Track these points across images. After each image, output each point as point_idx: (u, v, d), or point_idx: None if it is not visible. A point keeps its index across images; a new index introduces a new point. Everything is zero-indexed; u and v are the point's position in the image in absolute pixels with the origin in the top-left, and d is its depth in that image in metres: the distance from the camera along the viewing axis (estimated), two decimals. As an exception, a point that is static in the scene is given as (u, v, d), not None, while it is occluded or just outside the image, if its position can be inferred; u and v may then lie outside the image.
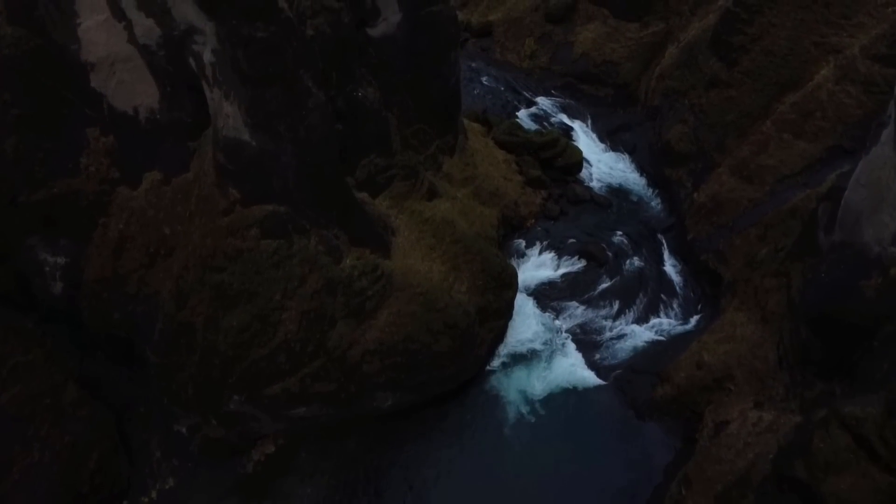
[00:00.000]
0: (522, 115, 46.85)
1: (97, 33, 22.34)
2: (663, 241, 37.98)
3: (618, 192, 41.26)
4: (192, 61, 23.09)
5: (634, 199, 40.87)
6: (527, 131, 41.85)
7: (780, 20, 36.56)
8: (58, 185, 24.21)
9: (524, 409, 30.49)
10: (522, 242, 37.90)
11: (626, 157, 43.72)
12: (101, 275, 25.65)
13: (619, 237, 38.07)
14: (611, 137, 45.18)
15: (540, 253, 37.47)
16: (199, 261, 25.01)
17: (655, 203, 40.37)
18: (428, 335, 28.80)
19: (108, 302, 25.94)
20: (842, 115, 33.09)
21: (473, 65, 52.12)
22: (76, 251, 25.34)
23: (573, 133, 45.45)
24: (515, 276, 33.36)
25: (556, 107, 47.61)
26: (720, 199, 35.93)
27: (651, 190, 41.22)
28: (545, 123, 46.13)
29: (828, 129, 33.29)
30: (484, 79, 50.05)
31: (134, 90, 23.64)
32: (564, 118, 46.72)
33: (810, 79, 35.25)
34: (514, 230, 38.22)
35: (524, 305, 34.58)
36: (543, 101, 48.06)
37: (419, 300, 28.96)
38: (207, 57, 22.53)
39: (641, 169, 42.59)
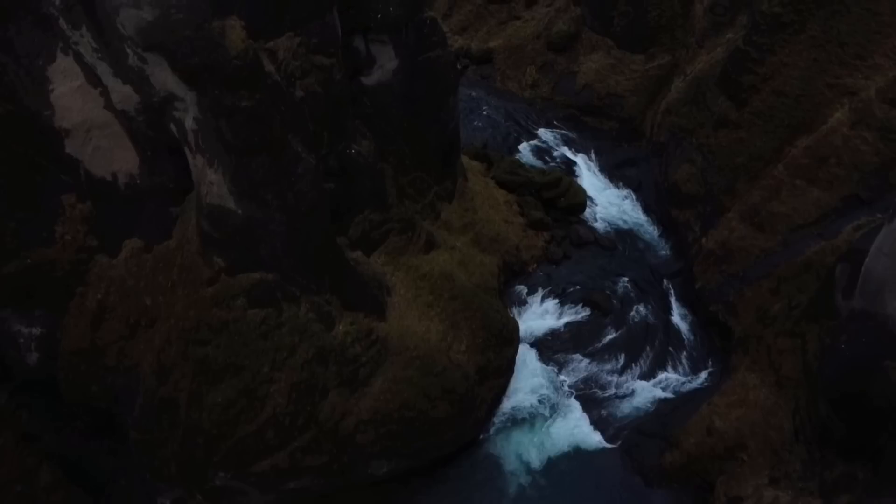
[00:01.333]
0: (524, 148, 45.47)
1: (71, 100, 20.94)
2: (670, 288, 36.56)
3: (623, 234, 39.84)
4: (173, 127, 21.68)
5: (640, 241, 39.45)
6: (528, 169, 40.46)
7: (793, 60, 35.15)
8: (32, 256, 22.78)
9: (525, 475, 29.09)
10: (524, 289, 36.49)
11: (631, 194, 42.31)
12: (78, 346, 24.22)
13: (624, 283, 36.66)
14: (615, 173, 43.77)
15: (542, 300, 36.07)
16: (181, 334, 23.59)
17: (662, 246, 38.96)
18: (425, 401, 27.40)
19: (86, 374, 24.51)
20: (857, 162, 31.65)
21: (473, 93, 50.75)
22: (52, 322, 23.91)
23: (576, 168, 44.08)
24: (517, 330, 31.97)
25: (559, 140, 46.21)
26: (730, 247, 34.51)
27: (657, 231, 39.82)
28: (547, 158, 44.75)
29: (843, 177, 31.85)
30: (484, 109, 48.66)
31: (112, 156, 22.24)
32: (567, 152, 45.32)
33: (824, 122, 33.81)
34: (515, 276, 36.80)
35: (526, 357, 33.17)
36: (545, 134, 46.67)
37: (416, 364, 27.56)
38: (189, 124, 21.13)
39: (647, 208, 41.18)
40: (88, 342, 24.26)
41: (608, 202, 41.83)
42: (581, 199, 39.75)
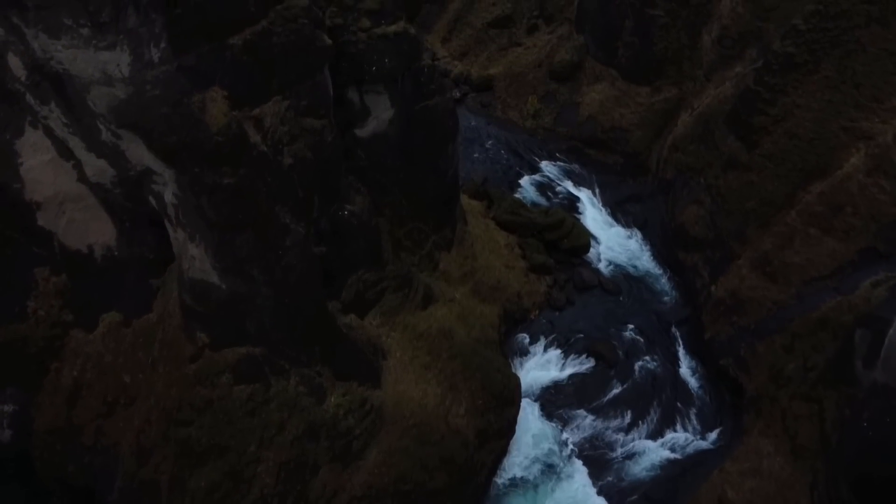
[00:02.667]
0: (525, 182, 44.05)
1: (42, 173, 19.55)
2: (678, 337, 35.14)
3: (628, 276, 38.42)
4: (152, 200, 20.27)
5: (646, 284, 38.02)
6: (530, 210, 39.03)
7: (806, 101, 33.76)
8: (3, 333, 21.38)
9: (527, 548, 27.71)
10: (526, 338, 35.06)
11: (637, 233, 40.87)
12: (53, 424, 22.83)
13: (630, 331, 35.24)
14: (620, 209, 42.34)
15: (545, 349, 34.65)
16: (162, 413, 22.18)
17: (668, 290, 37.52)
18: (422, 473, 25.99)
19: (62, 453, 23.12)
20: (875, 213, 30.22)
21: (473, 122, 49.33)
22: (25, 399, 22.49)
23: (579, 204, 42.64)
24: (518, 388, 30.52)
25: (562, 173, 44.79)
26: (740, 297, 33.10)
27: (663, 274, 38.38)
28: (549, 193, 43.34)
29: (860, 228, 30.41)
30: (484, 140, 47.22)
31: (87, 228, 20.86)
32: (570, 187, 43.89)
33: (839, 167, 32.41)
34: (516, 323, 35.37)
35: (528, 413, 31.70)
36: (548, 167, 45.25)
37: (412, 433, 26.18)
38: (169, 198, 19.73)
39: (653, 248, 39.74)
40: (64, 420, 22.85)
41: (613, 241, 40.39)
42: (585, 241, 38.33)
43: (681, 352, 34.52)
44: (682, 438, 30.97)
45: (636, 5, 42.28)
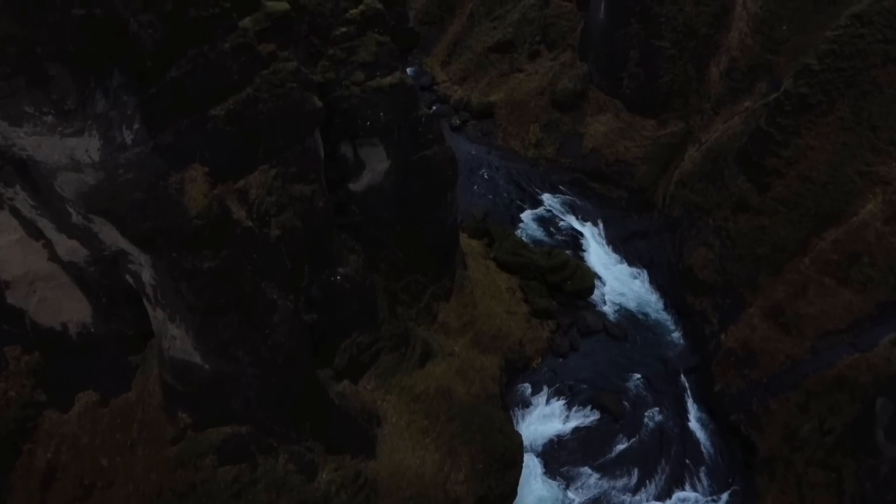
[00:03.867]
0: (527, 217, 42.69)
1: (10, 252, 18.22)
2: (686, 388, 33.76)
3: (634, 320, 37.03)
4: (129, 278, 18.92)
5: (652, 328, 36.63)
6: (532, 250, 37.66)
7: (820, 143, 32.43)
8: (-30, 415, 20.02)
9: None
10: (528, 388, 33.69)
11: (642, 272, 39.48)
12: (27, 508, 21.43)
13: (636, 381, 33.88)
14: (624, 246, 40.94)
15: (548, 400, 33.29)
16: (142, 499, 20.83)
17: (676, 335, 36.14)
18: (419, 547, 24.67)
19: (37, 537, 21.69)
20: (894, 264, 28.87)
21: (473, 151, 47.98)
22: (-3, 481, 21.11)
23: (583, 241, 41.26)
24: (521, 449, 29.14)
25: (565, 207, 43.42)
26: (752, 348, 31.77)
27: (671, 318, 36.99)
28: (552, 229, 41.97)
29: (878, 280, 29.06)
30: (485, 172, 45.87)
31: (60, 306, 19.51)
32: (573, 221, 42.53)
33: (854, 213, 31.07)
34: (518, 372, 34.01)
35: (531, 470, 30.37)
36: (550, 200, 43.87)
37: (409, 506, 24.84)
38: (146, 278, 18.39)
39: (659, 289, 38.36)
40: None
41: (618, 281, 39.02)
42: (589, 284, 36.96)
43: (689, 403, 33.16)
44: (692, 499, 29.65)
45: (642, 35, 40.92)
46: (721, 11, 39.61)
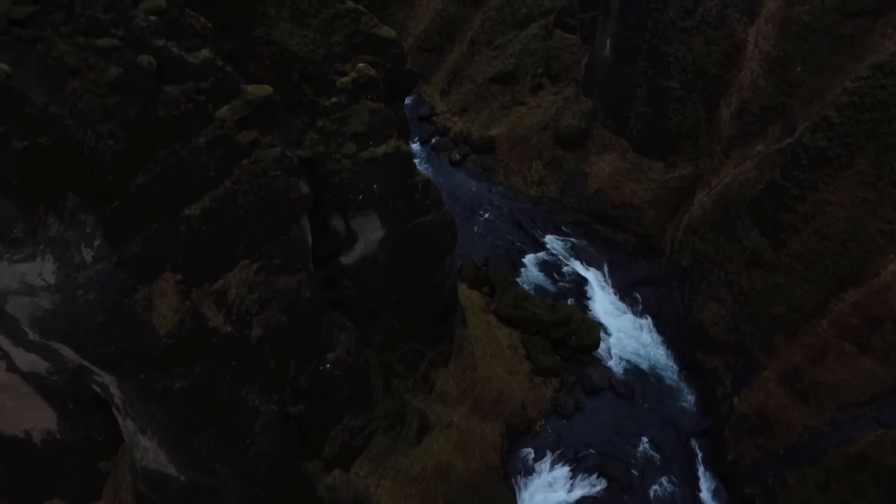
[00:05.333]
0: (529, 262, 41.06)
1: (-36, 364, 16.57)
2: (697, 454, 32.12)
3: (641, 376, 35.38)
4: (96, 387, 17.29)
5: (661, 386, 34.99)
6: (535, 302, 35.98)
7: (838, 198, 30.77)
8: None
9: None
10: (531, 452, 32.04)
11: (650, 322, 37.84)
12: None
13: (644, 445, 32.25)
14: (631, 294, 39.27)
15: (551, 467, 31.65)
16: None
17: (686, 395, 34.48)
18: None
19: None
20: (919, 333, 27.22)
21: (474, 188, 46.34)
22: None
23: (587, 288, 39.63)
24: (523, 529, 27.59)
25: (568, 250, 41.78)
26: (767, 415, 30.13)
27: (679, 374, 35.34)
28: (555, 274, 40.34)
29: (902, 349, 27.40)
30: (485, 211, 44.22)
31: (23, 415, 17.88)
32: (578, 266, 40.87)
33: (876, 273, 29.43)
34: (520, 436, 32.35)
35: (533, 546, 28.80)
36: (553, 243, 42.23)
37: None
38: (114, 391, 16.73)
39: (668, 343, 36.71)
40: None
41: (624, 333, 37.37)
42: (594, 339, 35.32)
43: (701, 471, 31.54)
44: (704, 580, 28.02)
45: (649, 74, 39.27)
46: (732, 50, 37.94)
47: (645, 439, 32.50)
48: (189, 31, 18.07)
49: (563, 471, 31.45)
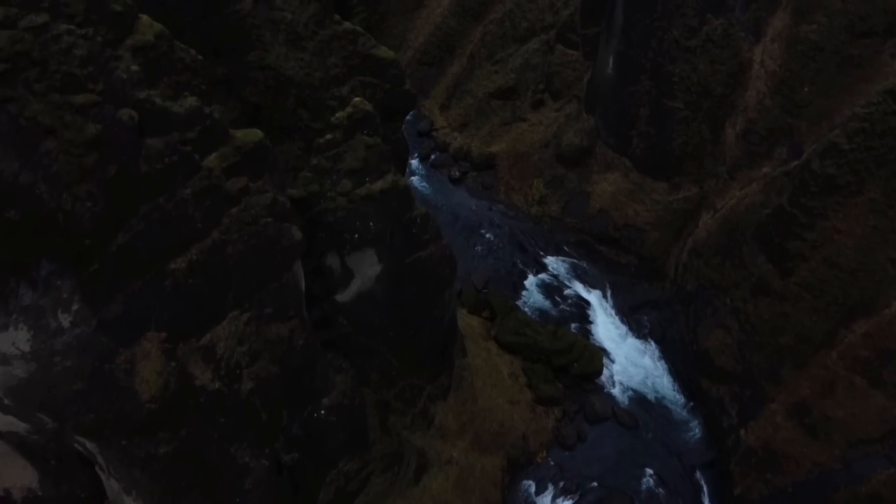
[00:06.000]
0: (531, 284, 40.28)
1: (-61, 425, 15.79)
2: (703, 487, 31.41)
3: (645, 404, 34.61)
4: (77, 446, 16.52)
5: (665, 415, 34.22)
6: (536, 328, 35.20)
7: (848, 226, 29.99)
8: None
9: None
10: (532, 485, 31.30)
11: (653, 347, 37.07)
12: None
13: (649, 478, 31.51)
14: (634, 317, 38.52)
15: (553, 501, 30.90)
16: None
17: (691, 424, 33.72)
18: None
19: None
20: (932, 368, 26.44)
21: (474, 206, 45.57)
22: None
23: (589, 310, 38.87)
24: (525, 570, 26.82)
25: (570, 272, 41.00)
26: (775, 449, 29.39)
27: (684, 402, 34.58)
28: (557, 297, 39.57)
29: (915, 385, 26.63)
30: (486, 232, 43.44)
31: (1, 473, 17.06)
32: (580, 288, 40.11)
33: (886, 304, 28.68)
34: (522, 468, 31.57)
35: (535, 585, 28.03)
36: (554, 263, 41.45)
37: None
38: (96, 454, 15.95)
39: (672, 369, 35.95)
40: None
41: (627, 359, 36.59)
42: (597, 367, 34.54)
43: (707, 505, 30.79)
44: None
45: (653, 94, 38.48)
46: (737, 70, 37.12)
47: (649, 471, 31.77)
48: (178, 66, 17.36)
49: (565, 504, 30.74)
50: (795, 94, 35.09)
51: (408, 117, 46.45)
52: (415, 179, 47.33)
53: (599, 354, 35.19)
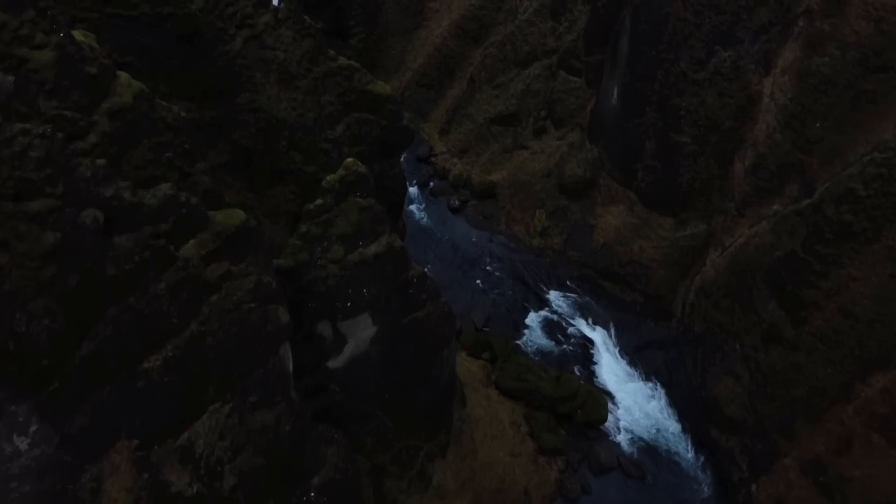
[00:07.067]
0: (532, 321, 39.04)
1: None
2: (713, 545, 30.12)
3: (651, 453, 33.33)
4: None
5: (672, 464, 32.93)
6: (539, 374, 33.92)
7: (864, 274, 28.77)
8: None
9: None
10: (534, 544, 30.03)
11: (660, 391, 35.81)
12: None
13: (656, 535, 30.25)
14: (639, 357, 37.26)
15: (557, 561, 29.66)
16: None
17: (700, 475, 32.43)
18: None
19: None
20: (954, 429, 25.20)
21: (474, 237, 44.37)
22: None
23: (593, 350, 37.63)
24: None
25: (573, 308, 39.76)
26: (789, 509, 28.14)
27: (693, 452, 33.29)
28: (560, 335, 38.33)
29: (936, 447, 25.39)
30: (486, 263, 42.21)
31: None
32: (583, 326, 38.87)
33: (905, 357, 27.41)
34: (523, 524, 30.35)
35: None
36: (557, 299, 40.22)
37: None
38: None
39: (679, 415, 34.66)
40: None
41: (633, 403, 35.32)
42: (602, 414, 33.29)
43: (716, 567, 29.53)
44: None
45: (658, 126, 37.26)
46: (746, 103, 35.87)
47: (656, 528, 30.53)
48: (159, 127, 16.18)
49: (568, 564, 29.47)
50: (807, 129, 33.84)
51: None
52: (413, 208, 46.13)
53: (604, 401, 33.93)
